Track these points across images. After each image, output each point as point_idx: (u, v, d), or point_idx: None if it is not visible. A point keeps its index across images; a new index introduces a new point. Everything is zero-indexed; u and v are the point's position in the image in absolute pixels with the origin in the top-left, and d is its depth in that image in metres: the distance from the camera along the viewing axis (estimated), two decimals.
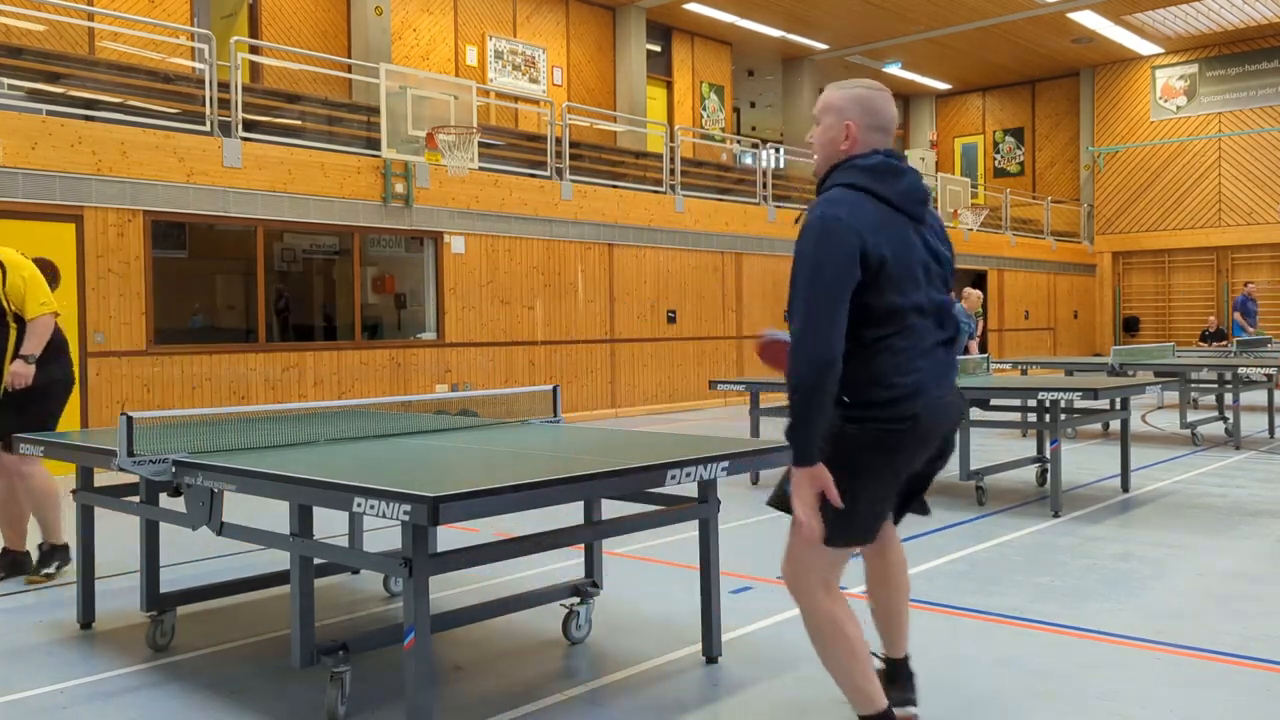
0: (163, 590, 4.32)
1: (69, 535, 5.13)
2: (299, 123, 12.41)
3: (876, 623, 3.24)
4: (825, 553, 2.84)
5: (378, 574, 5.20)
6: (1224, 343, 19.34)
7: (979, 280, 21.68)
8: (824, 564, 2.87)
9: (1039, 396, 6.93)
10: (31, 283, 5.29)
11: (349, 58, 15.72)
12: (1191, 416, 11.45)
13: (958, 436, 3.09)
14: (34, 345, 5.26)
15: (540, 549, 3.55)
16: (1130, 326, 25.17)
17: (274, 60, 15.07)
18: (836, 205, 2.72)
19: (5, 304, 5.27)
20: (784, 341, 2.95)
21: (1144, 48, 23.78)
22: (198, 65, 11.49)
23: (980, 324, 14.93)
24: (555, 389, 5.01)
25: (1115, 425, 11.52)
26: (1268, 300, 23.35)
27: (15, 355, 5.27)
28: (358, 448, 4.04)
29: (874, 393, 2.79)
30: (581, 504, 4.06)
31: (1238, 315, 18.81)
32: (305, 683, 3.75)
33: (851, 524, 2.81)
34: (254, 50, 14.76)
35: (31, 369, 5.23)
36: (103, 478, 4.56)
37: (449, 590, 4.95)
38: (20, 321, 5.30)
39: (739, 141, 23.52)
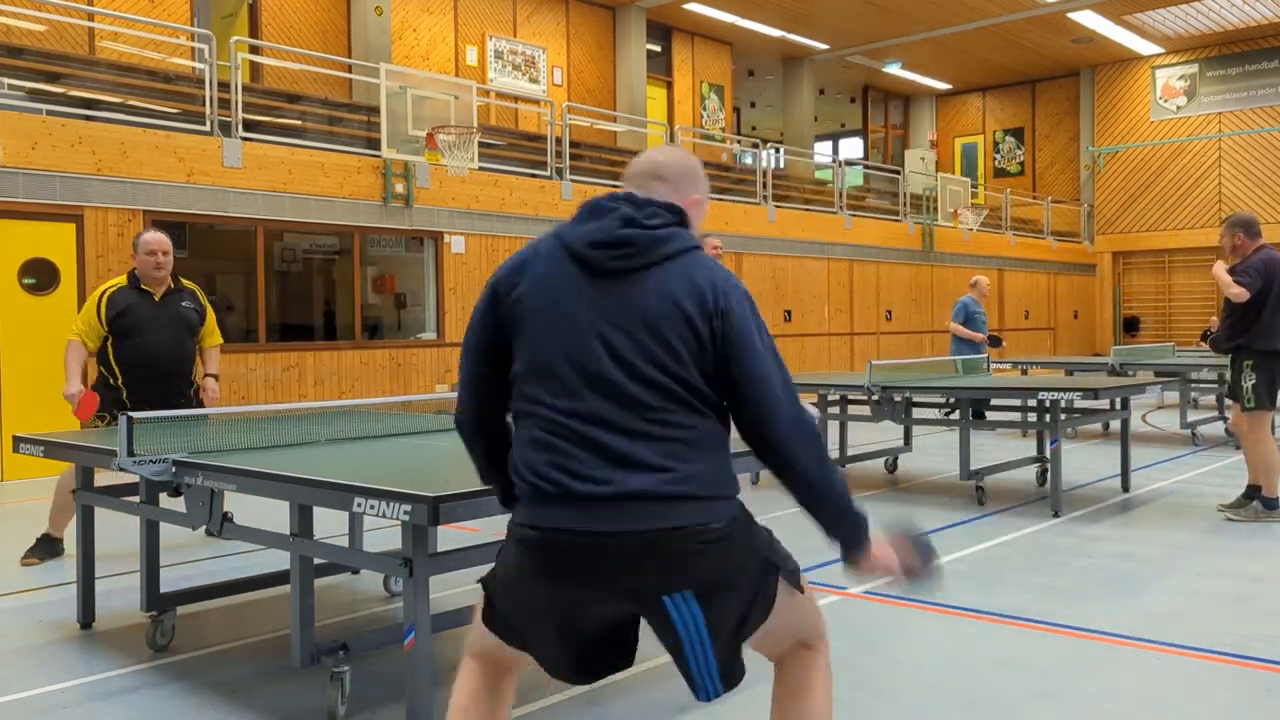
0: (163, 590, 4.32)
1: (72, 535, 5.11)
2: (299, 123, 12.41)
3: None
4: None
5: (378, 574, 5.20)
6: None
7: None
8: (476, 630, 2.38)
9: (1039, 396, 6.92)
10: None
11: (349, 58, 15.71)
12: (1191, 416, 11.44)
13: (959, 437, 3.02)
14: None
15: None
16: (1130, 326, 25.16)
17: (274, 60, 15.06)
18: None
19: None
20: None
21: (1144, 48, 23.77)
22: (198, 65, 11.49)
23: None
24: None
25: (1115, 425, 11.52)
26: None
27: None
28: (358, 448, 4.03)
29: None
30: None
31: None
32: (305, 683, 3.75)
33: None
34: (254, 50, 14.76)
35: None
36: (102, 477, 4.55)
37: (449, 590, 4.95)
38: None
39: (739, 141, 23.52)
